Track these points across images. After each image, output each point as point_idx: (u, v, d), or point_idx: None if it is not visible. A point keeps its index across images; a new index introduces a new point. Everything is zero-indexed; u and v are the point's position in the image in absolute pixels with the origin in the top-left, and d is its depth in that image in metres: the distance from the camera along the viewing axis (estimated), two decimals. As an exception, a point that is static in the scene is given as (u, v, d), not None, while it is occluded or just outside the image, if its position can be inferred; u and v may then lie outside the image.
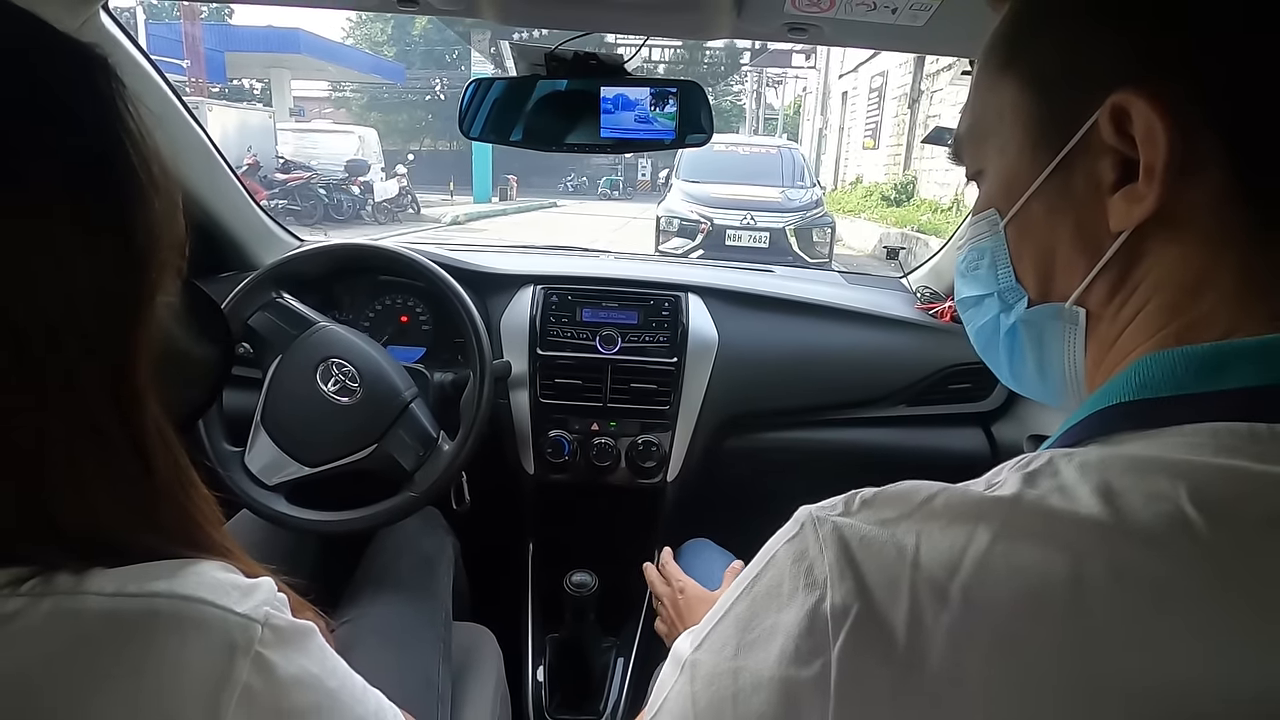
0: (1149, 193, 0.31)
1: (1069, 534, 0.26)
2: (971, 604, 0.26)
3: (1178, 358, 0.30)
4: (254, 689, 0.35)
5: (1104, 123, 0.32)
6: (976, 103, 0.39)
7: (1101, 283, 0.34)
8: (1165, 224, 0.31)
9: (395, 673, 0.81)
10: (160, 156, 0.36)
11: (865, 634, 0.27)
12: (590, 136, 0.91)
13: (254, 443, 0.96)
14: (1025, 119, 0.35)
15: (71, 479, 0.34)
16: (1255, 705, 0.25)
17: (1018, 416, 1.25)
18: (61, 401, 0.33)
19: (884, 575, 0.27)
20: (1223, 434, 0.28)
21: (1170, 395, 0.30)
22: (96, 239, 0.33)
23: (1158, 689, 0.25)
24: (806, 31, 0.77)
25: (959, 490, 0.29)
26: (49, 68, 0.33)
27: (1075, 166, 0.34)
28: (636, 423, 1.19)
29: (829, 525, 0.29)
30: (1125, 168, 0.32)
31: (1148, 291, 0.33)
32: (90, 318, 0.33)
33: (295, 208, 10.26)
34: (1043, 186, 0.35)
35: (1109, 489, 0.27)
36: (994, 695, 0.26)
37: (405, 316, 1.21)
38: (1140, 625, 0.25)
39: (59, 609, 0.32)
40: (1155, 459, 0.28)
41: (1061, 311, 0.36)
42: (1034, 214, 0.36)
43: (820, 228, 7.25)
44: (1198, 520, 0.26)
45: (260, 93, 20.68)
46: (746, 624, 0.31)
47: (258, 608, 0.36)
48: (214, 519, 0.41)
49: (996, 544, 0.27)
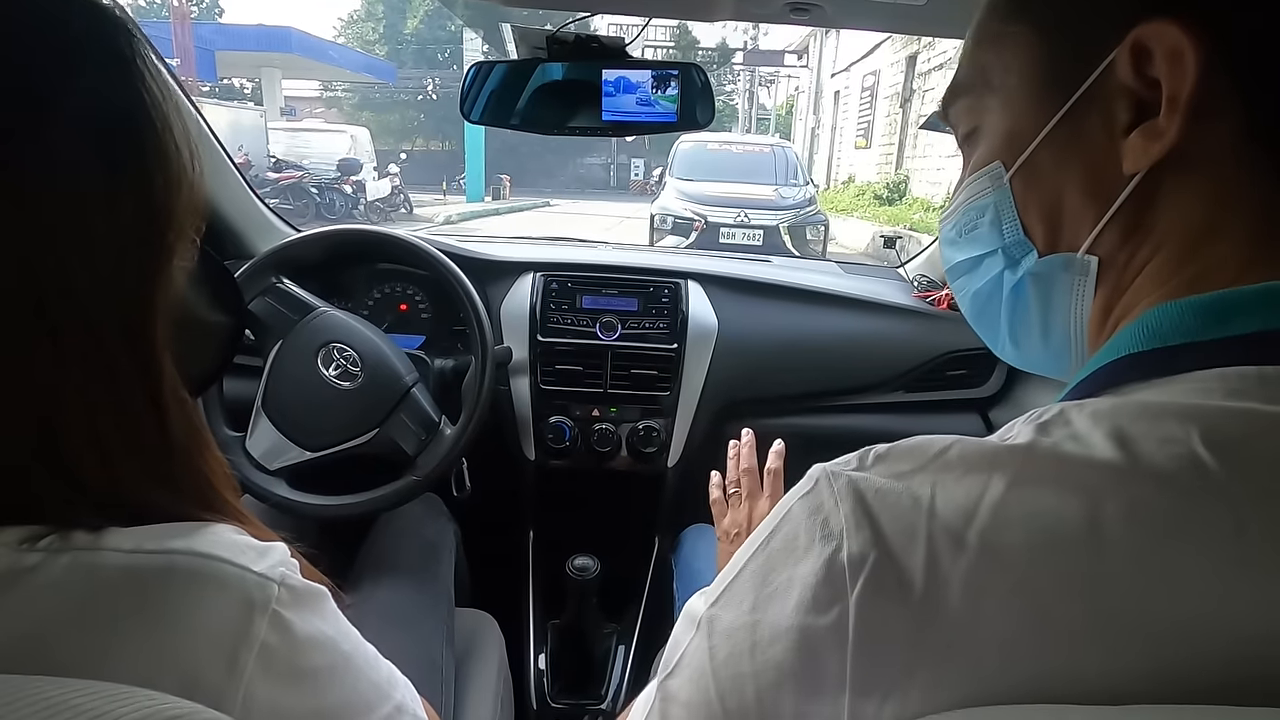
0: (1170, 126, 0.30)
1: (1083, 477, 0.27)
2: (988, 550, 0.26)
3: (1185, 308, 0.31)
4: (272, 646, 0.35)
5: (1123, 61, 0.32)
6: (976, 58, 0.39)
7: (1112, 230, 0.34)
8: (1179, 167, 0.31)
9: (400, 655, 0.80)
10: (181, 120, 0.36)
11: (882, 581, 0.27)
12: (592, 119, 0.91)
13: (255, 428, 0.96)
14: (1033, 68, 0.35)
15: (90, 436, 0.34)
16: (1268, 645, 0.25)
17: (1015, 401, 1.26)
18: (80, 358, 0.33)
19: (900, 524, 0.28)
20: (1231, 378, 0.28)
21: (1179, 344, 0.30)
22: (116, 196, 0.33)
23: (1174, 627, 0.25)
24: (808, 12, 0.77)
25: (973, 441, 0.29)
26: (72, 22, 0.33)
27: (1088, 111, 0.33)
28: (637, 409, 1.19)
29: (844, 479, 0.30)
30: (1140, 109, 0.32)
31: (1160, 238, 0.33)
32: (109, 275, 0.33)
33: (287, 207, 10.19)
34: (1052, 133, 0.35)
35: (1122, 434, 0.27)
36: (1012, 638, 0.26)
37: (405, 305, 1.21)
38: (1156, 563, 0.25)
39: (77, 563, 0.32)
40: (1166, 404, 0.28)
41: (1073, 261, 0.35)
42: (1042, 163, 0.36)
43: (813, 226, 7.28)
44: (1210, 460, 0.26)
45: (251, 92, 20.57)
46: (764, 578, 0.31)
47: (273, 568, 0.36)
48: (228, 483, 0.41)
49: (1011, 491, 0.27)
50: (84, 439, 0.34)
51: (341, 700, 0.39)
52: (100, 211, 0.33)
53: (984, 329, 0.43)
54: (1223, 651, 0.25)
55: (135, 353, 0.35)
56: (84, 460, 0.34)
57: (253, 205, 1.27)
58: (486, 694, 0.87)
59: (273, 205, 1.33)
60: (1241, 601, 0.25)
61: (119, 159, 0.33)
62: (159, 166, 0.35)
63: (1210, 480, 0.26)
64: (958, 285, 0.43)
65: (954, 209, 0.42)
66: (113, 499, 0.34)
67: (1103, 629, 0.25)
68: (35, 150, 0.31)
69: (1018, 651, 0.26)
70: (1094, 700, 0.25)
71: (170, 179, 0.35)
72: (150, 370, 0.36)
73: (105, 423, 0.34)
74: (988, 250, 0.39)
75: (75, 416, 0.33)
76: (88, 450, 0.34)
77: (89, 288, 0.33)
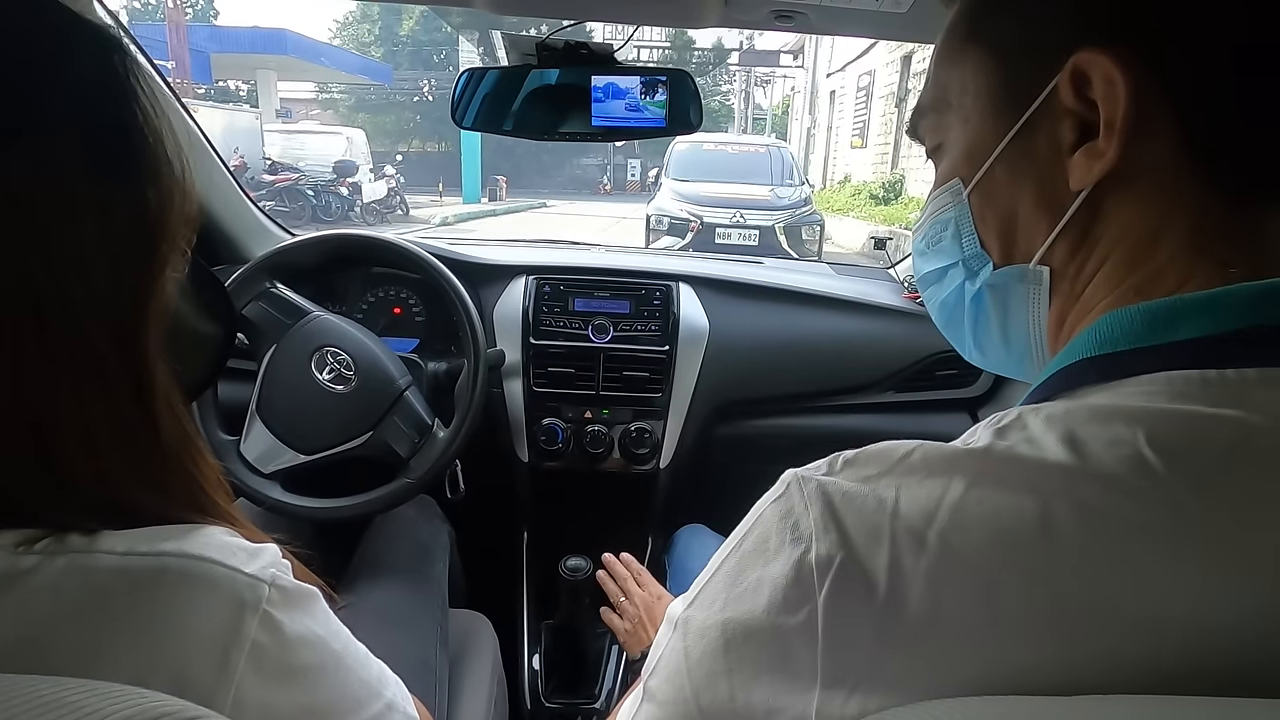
0: (1108, 148, 0.32)
1: (1036, 478, 0.28)
2: (948, 548, 0.28)
3: (1134, 314, 0.32)
4: (263, 646, 0.35)
5: (1064, 85, 0.33)
6: (939, 77, 0.40)
7: (1063, 242, 0.35)
8: (1122, 182, 0.33)
9: (393, 655, 0.81)
10: (173, 135, 0.37)
11: (848, 581, 0.28)
12: (582, 125, 0.92)
13: (249, 431, 0.97)
14: (988, 89, 0.37)
15: (83, 441, 0.34)
16: (1221, 638, 0.26)
17: (1003, 401, 1.27)
18: (72, 366, 0.34)
19: (866, 526, 0.29)
20: (1177, 381, 0.29)
21: (1128, 349, 0.32)
22: (109, 207, 0.34)
23: (1125, 620, 0.26)
24: (793, 20, 0.78)
25: (935, 446, 0.31)
26: (66, 41, 0.34)
27: (1036, 130, 0.35)
28: (629, 410, 1.20)
29: (814, 484, 0.31)
30: (1083, 129, 0.33)
31: (1107, 248, 0.34)
32: (102, 284, 0.34)
33: (283, 209, 10.19)
34: (1005, 151, 0.36)
35: (1073, 437, 0.29)
36: (971, 632, 0.27)
37: (398, 308, 1.22)
38: (1105, 559, 0.27)
39: (72, 566, 0.33)
40: (1115, 407, 0.30)
41: (1026, 272, 0.37)
42: (997, 179, 0.37)
43: (809, 225, 7.28)
44: (1155, 461, 0.27)
45: (246, 94, 20.52)
46: (735, 578, 0.32)
47: (264, 569, 0.37)
48: (220, 486, 0.42)
49: (970, 491, 0.28)
50: (77, 444, 0.34)
51: (332, 698, 0.40)
52: (93, 222, 0.34)
53: (953, 336, 0.45)
54: (1174, 644, 0.26)
55: (127, 361, 0.36)
56: (77, 465, 0.34)
57: (246, 209, 1.28)
58: (480, 694, 0.88)
59: (269, 208, 1.34)
60: (1190, 599, 0.26)
61: (111, 172, 0.34)
62: (151, 179, 0.36)
63: (1156, 481, 0.27)
64: (928, 295, 0.45)
65: (922, 222, 0.43)
66: (105, 503, 0.35)
67: (1058, 622, 0.27)
68: (31, 163, 0.32)
69: (978, 644, 0.27)
70: (1054, 692, 0.26)
71: (162, 191, 0.36)
72: (142, 378, 0.37)
73: (98, 429, 0.35)
74: (951, 262, 0.41)
75: (68, 423, 0.34)
76: (81, 455, 0.35)
77: (83, 296, 0.34)
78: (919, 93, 0.43)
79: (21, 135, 0.32)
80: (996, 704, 0.26)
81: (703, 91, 1.08)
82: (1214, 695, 0.26)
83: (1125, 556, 0.27)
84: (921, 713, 0.26)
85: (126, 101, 0.35)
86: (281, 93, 18.37)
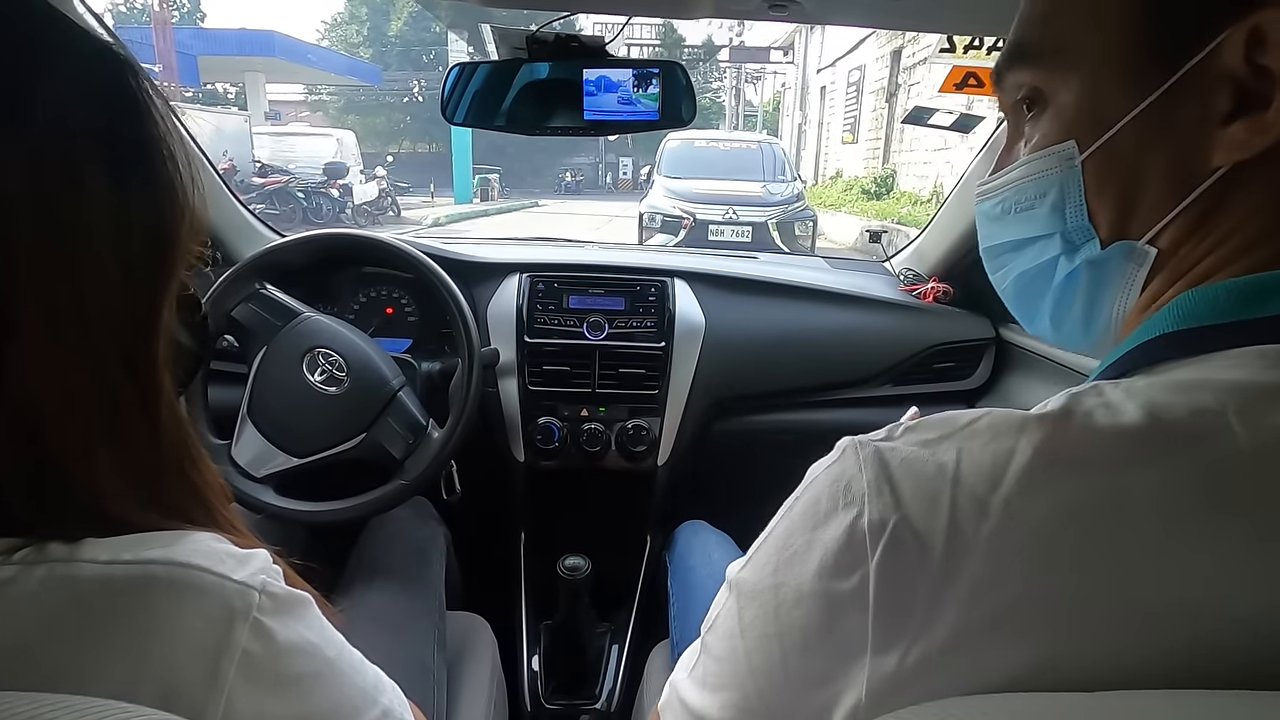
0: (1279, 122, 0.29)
1: (1113, 446, 0.27)
2: (1013, 516, 0.27)
3: (1220, 290, 0.31)
4: (253, 654, 0.34)
5: (1233, 45, 0.30)
6: (1054, 24, 0.35)
7: (1180, 221, 0.33)
8: (1263, 164, 0.30)
9: (391, 659, 0.80)
10: (184, 150, 0.38)
11: (902, 546, 0.28)
12: (574, 119, 0.91)
13: (241, 435, 0.95)
14: (1129, 45, 0.33)
15: (85, 450, 0.34)
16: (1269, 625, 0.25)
17: (1002, 392, 1.27)
18: (83, 372, 0.34)
19: (922, 490, 0.28)
20: (1270, 355, 0.28)
21: (1213, 324, 0.30)
22: (127, 223, 0.35)
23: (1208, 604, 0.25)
24: (787, 9, 0.77)
25: (1004, 411, 0.30)
26: (89, 66, 0.35)
27: (1185, 94, 0.31)
28: (626, 407, 1.19)
29: (870, 448, 0.30)
30: (1241, 99, 0.30)
31: (1229, 229, 0.32)
32: (118, 296, 0.35)
33: (274, 212, 10.14)
34: (1140, 117, 0.32)
35: (1154, 405, 0.27)
36: (1029, 604, 0.26)
37: (391, 308, 1.21)
38: (1185, 539, 0.26)
39: (53, 575, 0.32)
40: (1201, 380, 0.28)
41: (1133, 251, 0.34)
42: (1124, 146, 0.33)
43: (802, 221, 7.29)
44: (1242, 432, 0.26)
45: (234, 97, 20.41)
46: (786, 542, 0.32)
47: (254, 575, 0.36)
48: (220, 491, 0.42)
49: (1039, 457, 0.27)
50: (79, 450, 0.34)
51: (326, 706, 0.39)
52: (111, 236, 0.34)
53: (1021, 308, 0.42)
54: (1250, 635, 0.25)
55: (137, 374, 0.36)
56: (77, 470, 0.34)
57: (235, 211, 1.26)
58: (479, 697, 0.87)
59: (259, 210, 1.32)
60: (1248, 576, 0.25)
61: (129, 188, 0.35)
62: (164, 195, 0.37)
63: (1240, 452, 0.26)
64: (998, 262, 0.41)
65: (1002, 184, 0.39)
66: (100, 509, 0.35)
67: (1126, 604, 0.26)
68: (62, 178, 0.33)
69: (1031, 615, 0.26)
70: (1106, 664, 0.26)
71: (175, 206, 0.37)
72: (150, 392, 0.37)
73: (101, 443, 0.35)
74: (1044, 233, 0.37)
75: (72, 428, 0.34)
76: (82, 460, 0.34)
77: (99, 308, 0.34)
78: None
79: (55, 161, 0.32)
80: (1015, 701, 0.26)
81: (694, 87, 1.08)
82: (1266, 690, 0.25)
83: (1207, 535, 0.26)
84: (942, 710, 0.25)
85: (142, 121, 0.36)
86: (270, 95, 18.25)
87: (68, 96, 0.33)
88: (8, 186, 0.31)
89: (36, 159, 0.32)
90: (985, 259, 0.43)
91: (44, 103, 0.32)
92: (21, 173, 0.31)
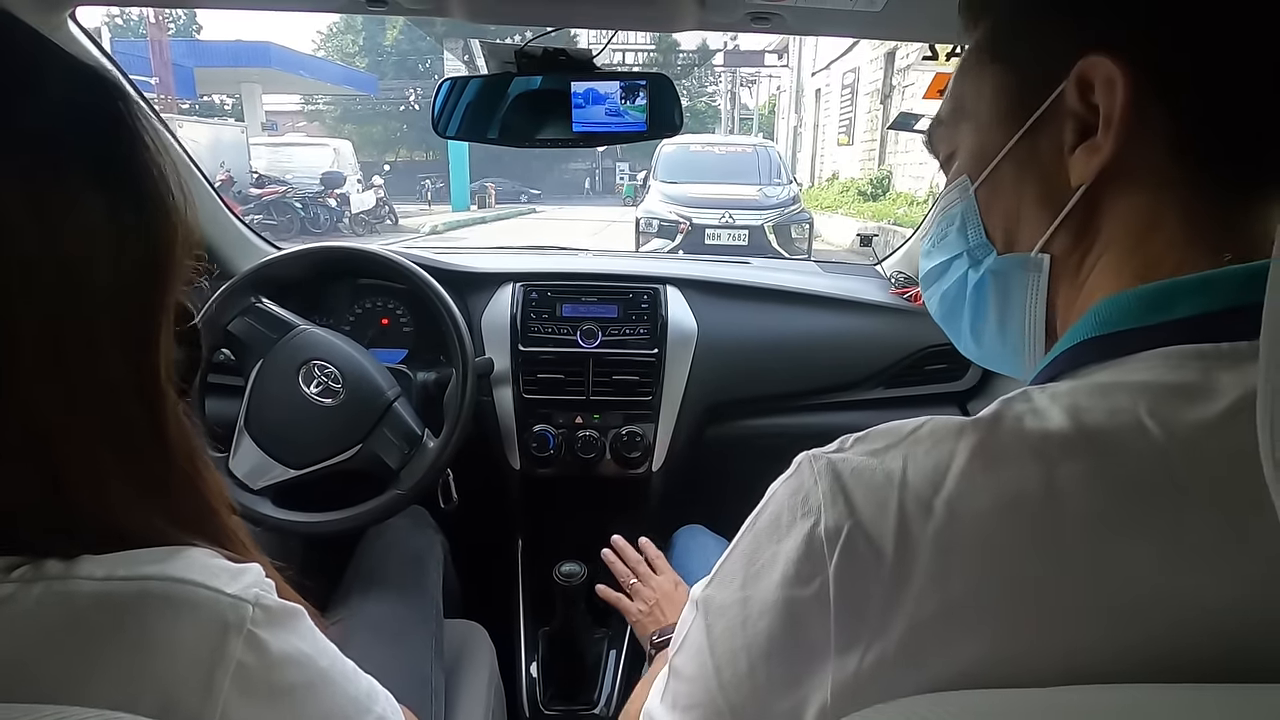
0: (1106, 143, 0.34)
1: (1040, 446, 0.29)
2: (955, 514, 0.29)
3: (1131, 297, 0.34)
4: (248, 666, 0.35)
5: (1070, 90, 0.36)
6: (957, 91, 0.44)
7: (1064, 234, 0.38)
8: (1119, 177, 0.35)
9: (388, 669, 0.81)
10: (174, 166, 0.39)
11: (856, 549, 0.29)
12: (563, 131, 0.93)
13: (238, 447, 0.96)
14: (1002, 96, 0.40)
15: (93, 463, 0.35)
16: (1219, 615, 0.27)
17: (992, 394, 1.27)
18: (88, 390, 0.35)
19: (873, 496, 0.30)
20: (1173, 356, 0.31)
21: (1126, 329, 0.33)
22: (123, 241, 0.36)
23: (1133, 584, 0.27)
24: (769, 21, 0.78)
25: (943, 419, 0.32)
26: (77, 92, 0.36)
27: (1042, 132, 0.38)
28: (620, 414, 1.20)
29: (824, 461, 0.32)
30: (1084, 130, 0.36)
31: (1105, 240, 0.36)
32: (118, 310, 0.36)
33: (271, 222, 10.16)
34: (1013, 150, 0.39)
35: (1076, 408, 0.30)
36: (978, 596, 0.28)
37: (386, 319, 1.22)
38: (1110, 524, 0.28)
39: (50, 593, 0.33)
40: (1118, 382, 0.31)
41: (1028, 260, 0.39)
42: (1004, 175, 0.40)
43: (798, 224, 7.30)
44: (1154, 429, 0.29)
45: (231, 108, 20.45)
46: (751, 557, 0.33)
47: (247, 589, 0.37)
48: (225, 502, 0.43)
49: (975, 459, 0.30)
50: (86, 472, 0.35)
51: (320, 716, 0.40)
52: (107, 254, 0.35)
53: (950, 327, 0.47)
54: (1177, 619, 0.27)
55: (140, 385, 0.37)
56: (84, 488, 0.35)
57: (230, 224, 1.27)
58: (477, 704, 0.88)
59: (256, 221, 1.34)
60: (1188, 565, 0.27)
61: (123, 207, 0.36)
62: (157, 213, 0.38)
63: (1154, 447, 0.28)
64: (930, 292, 0.47)
65: (928, 224, 0.45)
66: (105, 523, 0.35)
67: (1057, 585, 0.28)
68: (58, 199, 0.33)
69: (985, 609, 0.28)
70: (1055, 651, 0.27)
71: (168, 223, 0.38)
72: (157, 407, 0.38)
73: (109, 457, 0.36)
74: (955, 254, 0.44)
75: (80, 450, 0.35)
76: (90, 484, 0.35)
77: (100, 324, 0.35)
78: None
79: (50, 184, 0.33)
80: (975, 698, 0.27)
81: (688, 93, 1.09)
82: (1204, 680, 0.26)
83: (1128, 521, 0.28)
84: (905, 709, 0.26)
85: (133, 143, 0.37)
86: (266, 105, 18.30)
87: (59, 120, 0.34)
88: (6, 207, 0.32)
89: (31, 180, 0.33)
90: (923, 290, 0.49)
91: (37, 126, 0.33)
92: (19, 194, 0.32)
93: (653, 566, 0.92)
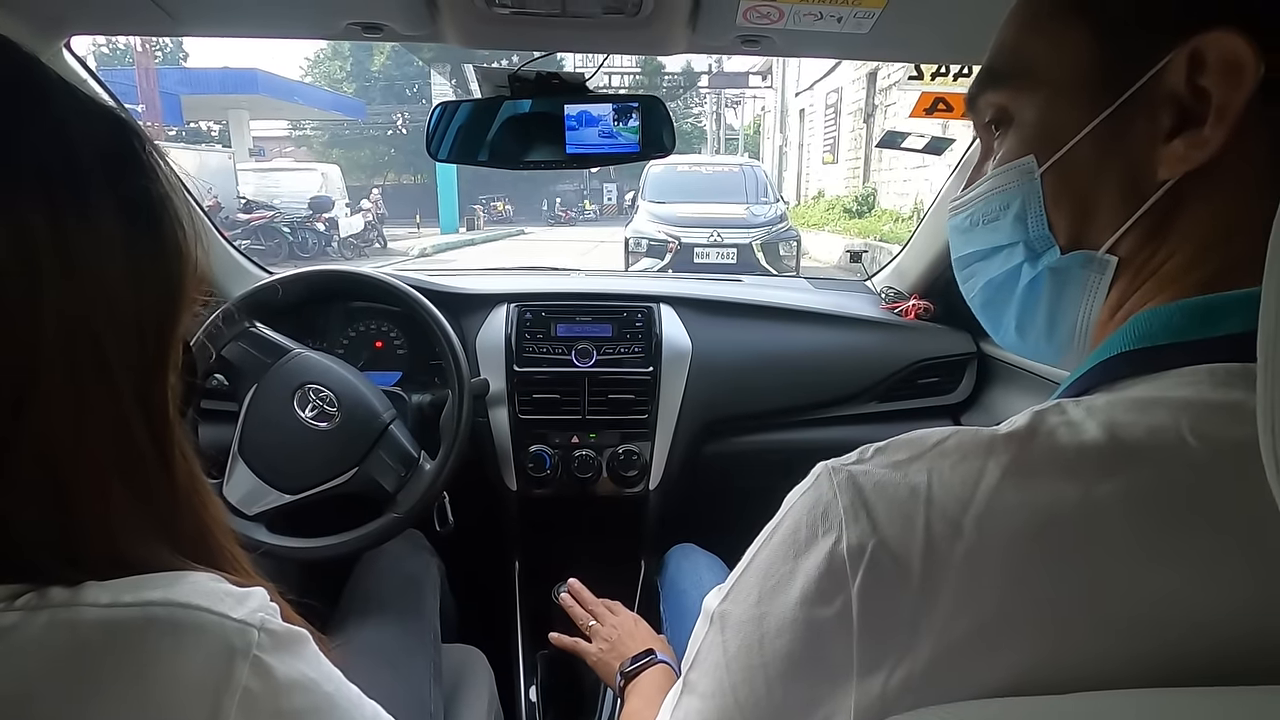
0: (1214, 137, 0.31)
1: (1076, 463, 0.28)
2: (986, 534, 0.28)
3: (1174, 310, 0.32)
4: (254, 692, 0.35)
5: (1178, 67, 0.32)
6: (1023, 45, 0.38)
7: (1136, 231, 0.34)
8: (1207, 177, 0.32)
9: (387, 694, 0.80)
10: (186, 203, 0.40)
11: (882, 569, 0.28)
12: (556, 153, 0.93)
13: (232, 473, 0.96)
14: (1085, 65, 0.35)
15: (102, 488, 0.35)
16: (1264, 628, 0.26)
17: (985, 406, 1.29)
18: (100, 418, 0.35)
19: (897, 513, 0.29)
20: (1219, 373, 0.30)
21: (1167, 343, 0.32)
22: (140, 274, 0.37)
23: (1174, 607, 0.26)
24: (759, 43, 0.80)
25: (971, 430, 0.31)
26: (98, 132, 0.37)
27: (1133, 113, 0.33)
28: (616, 433, 1.20)
29: (844, 473, 0.31)
30: (1182, 117, 0.32)
31: (1175, 244, 0.33)
32: (133, 342, 0.36)
33: (259, 247, 10.13)
34: (1093, 133, 0.34)
35: (1113, 424, 0.29)
36: (1009, 613, 0.27)
37: (380, 342, 1.21)
38: (1149, 546, 0.27)
39: (55, 621, 0.32)
40: (1157, 398, 0.30)
41: (1092, 260, 0.36)
42: (1080, 159, 0.35)
43: (786, 241, 7.36)
44: (1198, 447, 0.28)
45: (218, 134, 20.47)
46: (767, 571, 0.32)
47: (253, 613, 0.36)
48: (227, 530, 0.43)
49: (1007, 477, 0.28)
50: (94, 499, 0.35)
51: None
52: (125, 284, 0.36)
53: (988, 316, 0.43)
54: (1210, 635, 0.27)
55: (149, 413, 0.37)
56: (91, 512, 0.35)
57: (222, 250, 1.27)
58: (477, 729, 0.87)
59: (245, 246, 1.33)
60: (1234, 585, 0.27)
61: (140, 241, 0.37)
62: (171, 247, 0.39)
63: (1195, 466, 0.27)
64: (967, 272, 0.43)
65: (972, 198, 0.41)
66: (111, 551, 0.35)
67: (1101, 609, 0.27)
68: (80, 232, 0.34)
69: (1017, 631, 0.27)
70: (1083, 670, 0.26)
71: (182, 257, 0.39)
72: (162, 432, 0.38)
73: (115, 483, 0.36)
74: (1008, 242, 0.39)
75: (88, 477, 0.35)
76: (96, 503, 0.35)
77: (115, 352, 0.36)
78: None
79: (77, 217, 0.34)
80: (990, 707, 0.27)
81: (675, 115, 1.11)
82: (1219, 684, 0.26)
83: (1169, 543, 0.27)
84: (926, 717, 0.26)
85: (149, 180, 0.38)
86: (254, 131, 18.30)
87: (80, 155, 0.35)
88: (33, 238, 0.32)
89: (56, 214, 0.33)
90: (956, 270, 0.45)
91: (61, 161, 0.34)
92: (44, 227, 0.33)
93: (609, 609, 0.91)
